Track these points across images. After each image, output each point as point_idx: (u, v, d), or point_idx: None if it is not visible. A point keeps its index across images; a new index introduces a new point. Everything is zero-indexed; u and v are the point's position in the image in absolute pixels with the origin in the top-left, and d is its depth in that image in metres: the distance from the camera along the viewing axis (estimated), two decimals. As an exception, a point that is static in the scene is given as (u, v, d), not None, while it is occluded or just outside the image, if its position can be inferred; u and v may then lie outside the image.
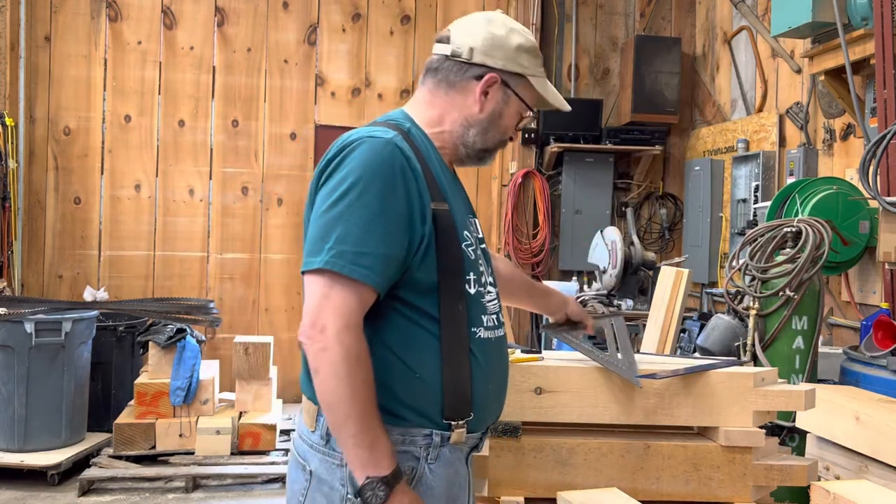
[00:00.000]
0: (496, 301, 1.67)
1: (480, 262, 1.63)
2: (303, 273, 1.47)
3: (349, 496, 1.48)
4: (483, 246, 1.69)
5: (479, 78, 1.63)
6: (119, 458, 4.67)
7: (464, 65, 1.63)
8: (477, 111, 1.64)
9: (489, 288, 1.65)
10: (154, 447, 4.71)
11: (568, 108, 1.75)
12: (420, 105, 1.68)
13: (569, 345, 2.18)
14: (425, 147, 1.60)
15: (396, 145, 1.49)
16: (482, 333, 1.58)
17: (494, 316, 1.64)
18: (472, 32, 1.64)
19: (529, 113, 1.71)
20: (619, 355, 2.10)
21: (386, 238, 1.44)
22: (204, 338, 5.18)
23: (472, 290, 1.57)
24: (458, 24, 1.68)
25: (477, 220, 1.73)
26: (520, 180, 6.05)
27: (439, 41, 1.67)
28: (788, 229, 3.35)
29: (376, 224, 1.43)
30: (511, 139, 1.73)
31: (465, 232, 1.59)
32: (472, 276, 1.57)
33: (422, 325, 1.51)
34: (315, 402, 1.51)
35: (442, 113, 1.65)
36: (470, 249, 1.58)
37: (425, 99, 1.67)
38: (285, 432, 5.18)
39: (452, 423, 1.53)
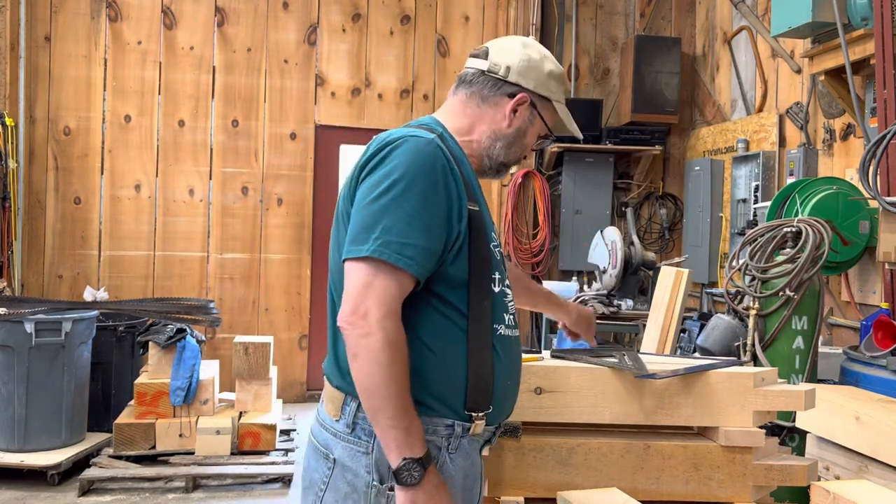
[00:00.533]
0: (513, 302, 1.75)
1: (503, 264, 1.72)
2: (344, 261, 1.53)
3: (374, 482, 1.54)
4: (499, 249, 1.77)
5: (512, 96, 1.73)
6: (119, 458, 4.67)
7: (499, 81, 1.74)
8: (505, 126, 1.74)
9: (507, 290, 1.72)
10: (154, 447, 4.71)
11: (581, 136, 1.87)
12: (452, 114, 1.76)
13: (575, 361, 2.17)
14: (457, 152, 1.68)
15: (438, 146, 1.58)
16: (503, 331, 1.65)
17: (513, 316, 1.72)
18: (510, 52, 1.75)
19: (548, 135, 1.82)
20: (628, 360, 2.10)
21: (427, 232, 1.51)
22: (204, 338, 5.17)
23: (497, 289, 1.65)
24: (497, 43, 1.79)
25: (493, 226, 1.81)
26: (520, 180, 6.05)
27: (475, 56, 1.78)
28: (788, 229, 3.35)
29: (419, 218, 1.51)
30: (525, 157, 1.84)
31: (493, 233, 1.68)
32: (497, 276, 1.65)
33: (452, 318, 1.58)
34: (343, 389, 1.59)
35: (472, 123, 1.75)
36: (497, 250, 1.68)
37: (457, 109, 1.76)
38: (285, 432, 5.17)
39: (473, 414, 1.59)
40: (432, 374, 1.57)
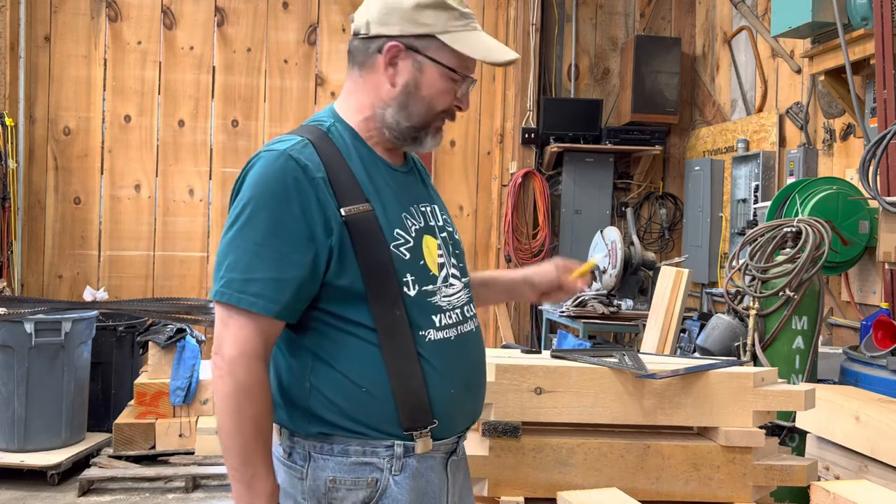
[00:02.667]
0: (460, 293, 1.56)
1: (424, 259, 1.50)
2: None
3: None
4: (443, 234, 1.58)
5: (381, 51, 1.49)
6: (119, 458, 4.67)
7: (364, 40, 1.51)
8: (389, 88, 1.50)
9: (451, 281, 1.54)
10: (154, 447, 4.71)
11: (505, 58, 1.52)
12: (345, 96, 1.57)
13: (575, 361, 2.17)
14: (346, 144, 1.50)
15: (290, 156, 1.42)
16: (433, 335, 1.48)
17: (457, 311, 1.54)
18: (368, 4, 1.52)
19: (459, 74, 1.51)
20: (628, 360, 2.10)
21: (278, 261, 1.38)
22: (204, 338, 5.17)
23: (413, 292, 1.46)
24: (364, 2, 1.55)
25: (437, 207, 1.62)
26: (520, 180, 6.05)
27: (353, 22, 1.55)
28: (788, 229, 3.35)
29: (266, 247, 1.38)
30: (458, 109, 1.55)
31: (398, 230, 1.48)
32: (409, 278, 1.46)
33: (359, 335, 1.44)
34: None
35: (361, 99, 1.53)
36: (403, 249, 1.47)
37: (348, 88, 1.57)
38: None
39: (414, 433, 1.45)
40: (352, 400, 1.43)
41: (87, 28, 5.96)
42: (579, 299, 5.12)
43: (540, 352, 2.17)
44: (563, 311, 5.10)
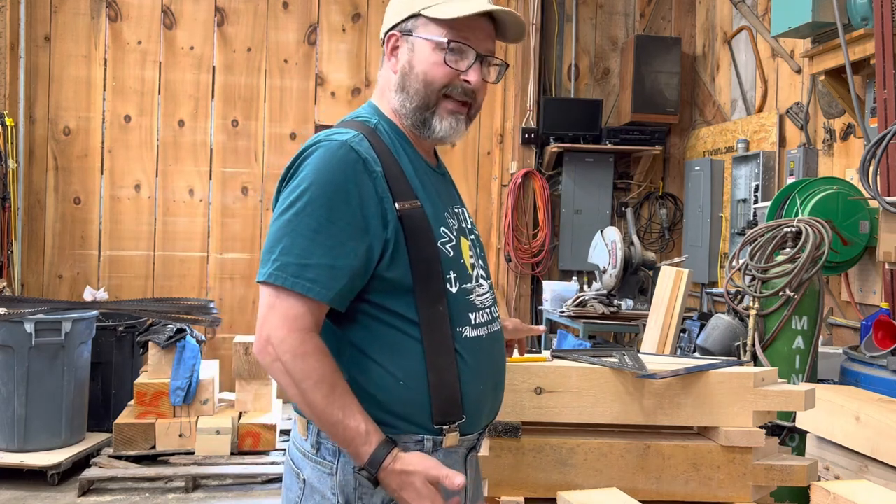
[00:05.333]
0: (489, 294, 1.61)
1: (463, 258, 1.55)
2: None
3: None
4: (472, 237, 1.63)
5: (385, 44, 1.59)
6: (119, 458, 4.67)
7: (383, 41, 1.61)
8: (392, 75, 1.56)
9: (481, 282, 1.59)
10: (154, 447, 4.71)
11: (478, 8, 1.50)
12: (376, 94, 1.63)
13: (575, 361, 2.17)
14: (393, 140, 1.54)
15: (352, 147, 1.43)
16: (469, 332, 1.52)
17: (487, 311, 1.58)
18: (386, 14, 1.63)
19: (447, 41, 1.50)
20: (628, 360, 2.10)
21: (334, 248, 1.39)
22: (204, 338, 5.17)
23: (454, 289, 1.50)
24: None
25: (465, 210, 1.67)
26: (520, 180, 6.05)
27: None
28: (788, 229, 3.35)
29: (323, 234, 1.39)
30: (467, 83, 1.52)
31: (443, 228, 1.52)
32: (452, 275, 1.50)
33: (402, 329, 1.46)
34: (299, 411, 1.50)
35: (385, 94, 1.59)
36: (448, 246, 1.51)
37: (378, 85, 1.63)
38: (285, 432, 5.17)
39: (444, 427, 1.48)
40: (389, 392, 1.46)
41: (87, 28, 5.96)
42: (579, 299, 5.12)
43: (540, 352, 2.17)
44: (563, 311, 5.10)
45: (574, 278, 5.82)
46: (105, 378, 5.13)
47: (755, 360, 3.23)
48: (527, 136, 6.06)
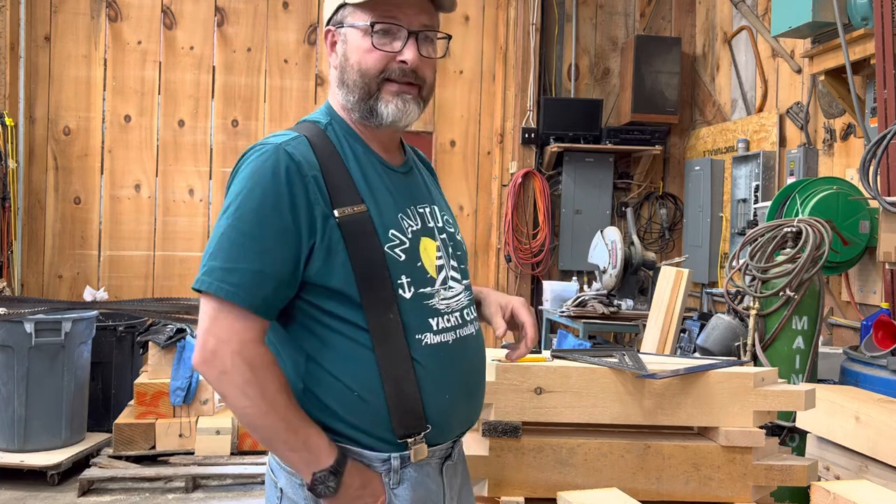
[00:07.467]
0: (460, 296, 1.54)
1: (421, 261, 1.48)
2: None
3: None
4: (443, 236, 1.55)
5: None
6: (119, 458, 4.67)
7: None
8: (335, 71, 1.55)
9: (450, 284, 1.52)
10: (154, 447, 4.71)
11: None
12: (329, 94, 1.60)
13: (575, 361, 2.17)
14: (341, 141, 1.50)
15: (286, 151, 1.40)
16: (430, 339, 1.45)
17: (455, 315, 1.51)
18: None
19: (377, 26, 1.46)
20: (628, 360, 2.10)
21: (262, 254, 1.36)
22: (204, 338, 5.17)
23: (408, 294, 1.44)
24: None
25: (437, 208, 1.59)
26: (520, 180, 6.05)
27: None
28: (788, 229, 3.35)
29: (251, 238, 1.36)
30: (403, 63, 1.46)
31: (393, 231, 1.45)
32: (404, 280, 1.44)
33: (354, 338, 1.41)
34: None
35: (335, 94, 1.57)
36: (398, 250, 1.45)
37: (330, 86, 1.59)
38: (285, 432, 5.17)
39: (408, 440, 1.43)
40: (343, 403, 1.41)
41: (87, 28, 5.95)
42: (579, 299, 5.12)
43: (540, 352, 2.17)
44: (563, 312, 5.10)
45: (574, 278, 5.82)
46: (105, 378, 5.13)
47: (755, 360, 3.23)
48: (527, 135, 6.06)
